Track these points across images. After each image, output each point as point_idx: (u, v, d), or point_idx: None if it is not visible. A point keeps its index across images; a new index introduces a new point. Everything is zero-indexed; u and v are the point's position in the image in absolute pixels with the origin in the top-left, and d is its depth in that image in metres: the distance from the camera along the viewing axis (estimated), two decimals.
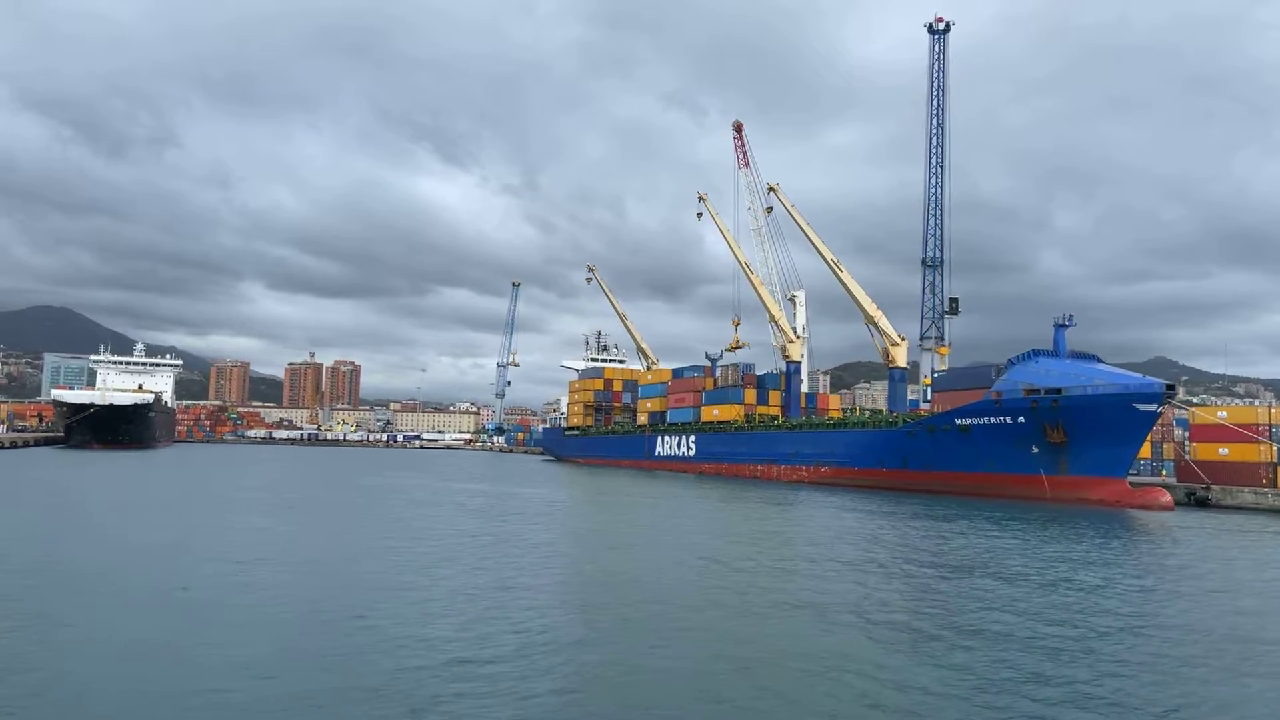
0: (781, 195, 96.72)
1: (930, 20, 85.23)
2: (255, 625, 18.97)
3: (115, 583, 23.72)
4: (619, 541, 38.28)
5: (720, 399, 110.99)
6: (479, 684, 14.87)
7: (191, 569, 25.97)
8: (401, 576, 25.50)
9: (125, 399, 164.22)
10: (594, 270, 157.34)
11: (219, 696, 13.88)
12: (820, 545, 36.13)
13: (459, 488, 72.76)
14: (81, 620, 19.02)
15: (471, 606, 21.41)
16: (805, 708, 14.07)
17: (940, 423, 76.58)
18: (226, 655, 16.32)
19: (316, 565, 27.70)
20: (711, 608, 21.92)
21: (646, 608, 21.68)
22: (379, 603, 21.44)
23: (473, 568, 27.82)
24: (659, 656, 16.90)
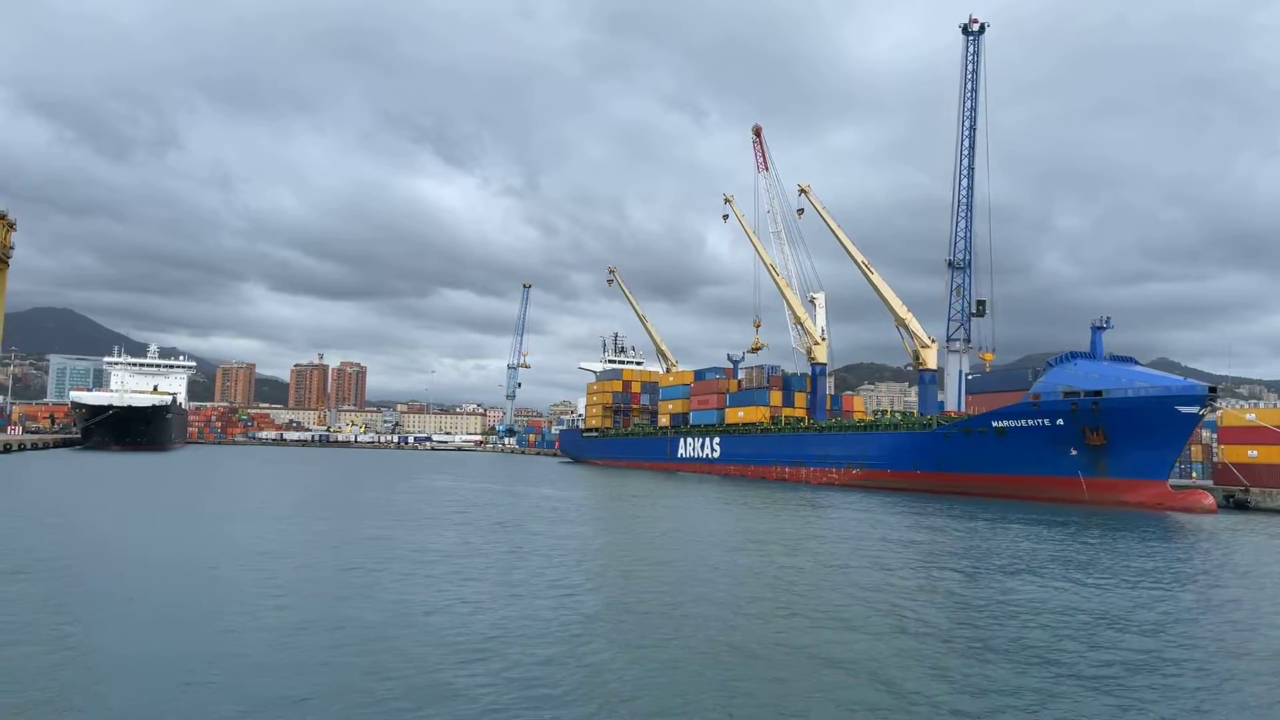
0: (813, 197, 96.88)
1: (965, 21, 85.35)
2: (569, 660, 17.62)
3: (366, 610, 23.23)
4: (690, 546, 38.35)
5: (745, 401, 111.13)
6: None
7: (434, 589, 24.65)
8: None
9: (144, 400, 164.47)
10: (615, 273, 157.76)
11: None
12: (885, 551, 36.27)
13: (511, 490, 72.95)
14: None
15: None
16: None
17: (976, 424, 76.73)
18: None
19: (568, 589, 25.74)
20: (789, 616, 21.89)
21: (745, 626, 20.96)
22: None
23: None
24: (771, 679, 16.39)
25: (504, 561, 30.17)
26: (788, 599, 24.01)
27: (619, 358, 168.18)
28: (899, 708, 14.38)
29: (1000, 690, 15.56)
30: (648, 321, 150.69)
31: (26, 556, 28.27)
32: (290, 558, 29.64)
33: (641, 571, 28.99)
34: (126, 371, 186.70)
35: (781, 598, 24.22)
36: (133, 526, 38.68)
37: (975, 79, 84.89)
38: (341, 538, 35.59)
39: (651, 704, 14.39)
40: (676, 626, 20.15)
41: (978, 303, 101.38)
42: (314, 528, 39.45)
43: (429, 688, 14.95)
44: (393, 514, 47.44)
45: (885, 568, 30.50)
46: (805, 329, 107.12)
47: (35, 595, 22.04)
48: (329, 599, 22.45)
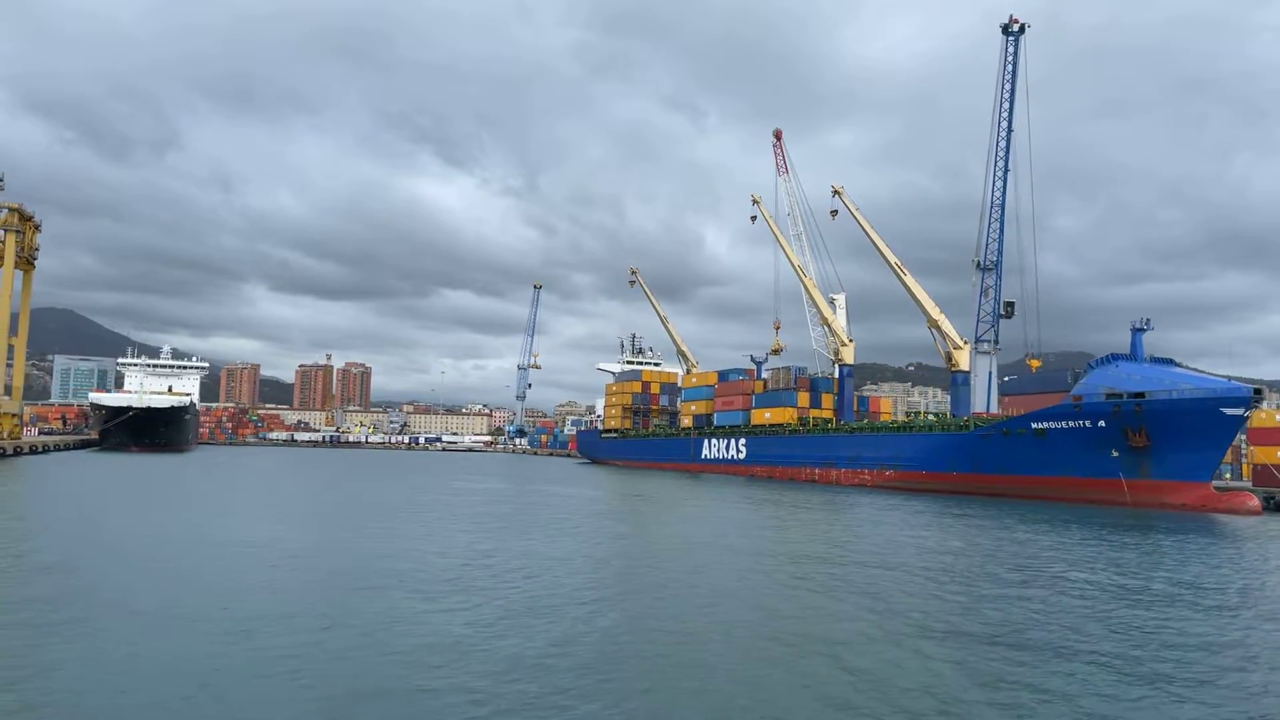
0: (846, 199, 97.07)
1: (1005, 21, 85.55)
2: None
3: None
4: (740, 547, 38.56)
5: (772, 402, 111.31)
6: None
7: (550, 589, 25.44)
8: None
9: (162, 401, 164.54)
10: (637, 273, 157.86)
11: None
12: (947, 557, 36.50)
13: (555, 491, 73.13)
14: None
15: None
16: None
17: (1015, 426, 76.93)
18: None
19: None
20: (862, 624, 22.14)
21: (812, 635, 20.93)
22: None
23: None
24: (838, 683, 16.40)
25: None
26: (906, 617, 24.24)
27: (637, 359, 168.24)
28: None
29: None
30: (668, 322, 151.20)
31: (165, 568, 28.48)
32: (488, 578, 27.14)
33: (766, 582, 29.21)
34: (141, 372, 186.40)
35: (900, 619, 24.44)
36: (231, 533, 38.85)
37: (1014, 81, 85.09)
38: (496, 552, 32.91)
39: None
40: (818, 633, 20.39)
41: (1006, 304, 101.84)
42: (448, 538, 37.61)
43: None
44: (497, 520, 46.63)
45: (981, 580, 30.71)
46: (833, 330, 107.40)
47: (181, 597, 22.26)
48: (574, 621, 21.03)
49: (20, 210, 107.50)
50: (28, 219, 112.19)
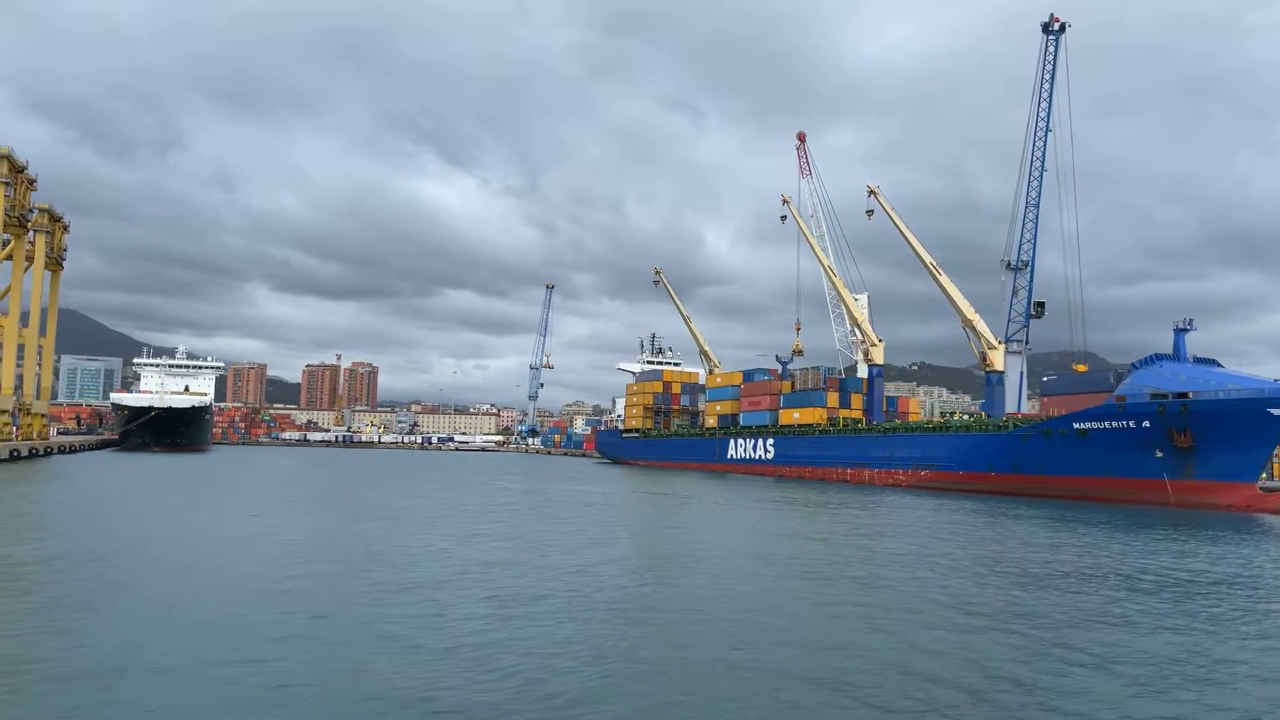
0: (881, 198, 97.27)
1: (1046, 19, 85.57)
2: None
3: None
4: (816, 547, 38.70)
5: (801, 402, 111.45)
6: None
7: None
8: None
9: (183, 401, 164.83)
10: (660, 273, 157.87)
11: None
12: (1021, 562, 36.65)
13: (600, 491, 73.31)
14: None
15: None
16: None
17: (1056, 426, 77.09)
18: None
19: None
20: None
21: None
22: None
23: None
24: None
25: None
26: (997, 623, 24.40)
27: (657, 358, 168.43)
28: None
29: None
30: (691, 322, 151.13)
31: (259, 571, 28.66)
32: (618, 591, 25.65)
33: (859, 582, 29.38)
34: (157, 372, 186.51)
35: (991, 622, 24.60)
36: (306, 536, 39.01)
37: (1053, 79, 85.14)
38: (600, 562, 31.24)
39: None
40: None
41: (1036, 304, 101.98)
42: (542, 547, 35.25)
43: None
44: (578, 525, 46.54)
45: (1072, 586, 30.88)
46: (862, 330, 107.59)
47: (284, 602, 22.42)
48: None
49: (50, 211, 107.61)
50: (57, 219, 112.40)
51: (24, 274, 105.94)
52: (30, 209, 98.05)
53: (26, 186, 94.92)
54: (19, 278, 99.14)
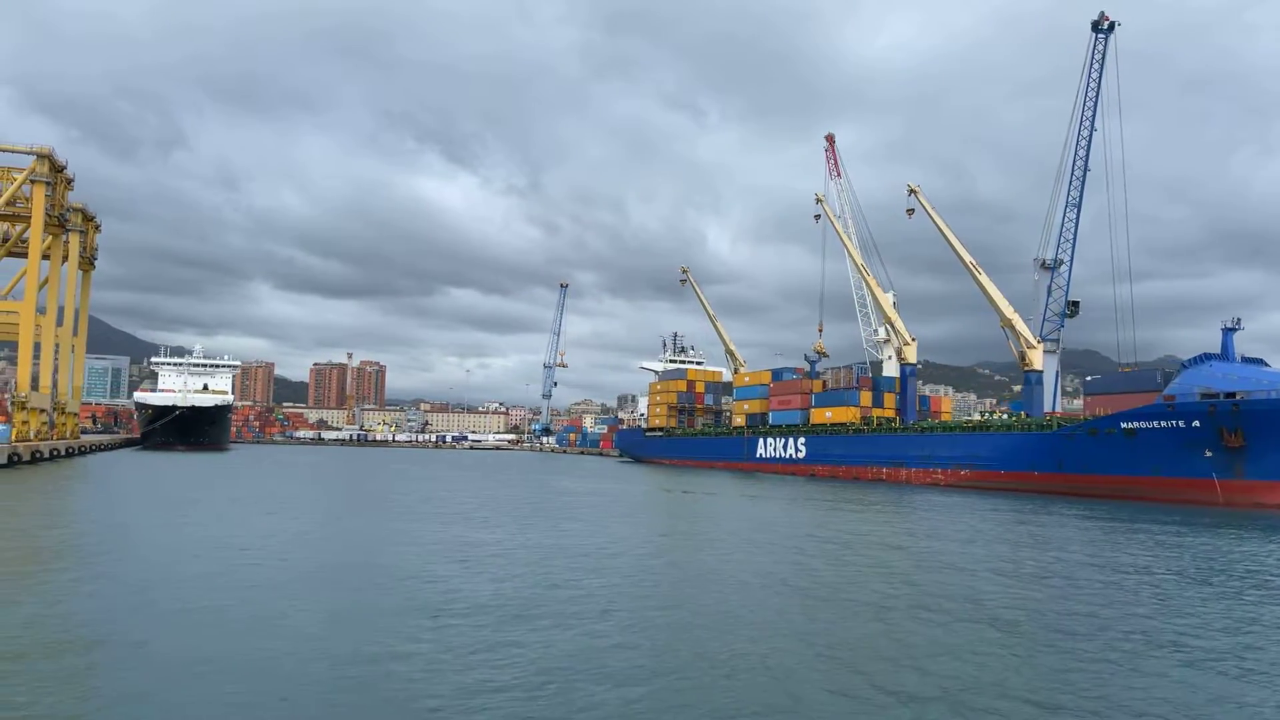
0: (922, 198, 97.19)
1: (1095, 17, 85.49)
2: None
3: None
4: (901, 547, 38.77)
5: (834, 401, 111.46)
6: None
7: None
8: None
9: (206, 400, 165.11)
10: (687, 272, 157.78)
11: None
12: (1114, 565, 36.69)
13: (655, 491, 73.52)
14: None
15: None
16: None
17: (1103, 425, 77.04)
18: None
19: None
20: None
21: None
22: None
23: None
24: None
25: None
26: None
27: (679, 357, 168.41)
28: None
29: None
30: (717, 321, 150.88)
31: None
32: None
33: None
34: (174, 371, 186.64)
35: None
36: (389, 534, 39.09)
37: (1101, 78, 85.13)
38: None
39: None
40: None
41: (1071, 303, 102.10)
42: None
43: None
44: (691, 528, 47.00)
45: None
46: (896, 329, 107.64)
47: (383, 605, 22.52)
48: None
49: (84, 210, 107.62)
50: (90, 219, 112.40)
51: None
52: (68, 209, 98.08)
53: (65, 186, 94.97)
54: (56, 276, 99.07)
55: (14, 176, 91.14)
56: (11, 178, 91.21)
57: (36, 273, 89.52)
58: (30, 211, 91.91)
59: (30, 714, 13.41)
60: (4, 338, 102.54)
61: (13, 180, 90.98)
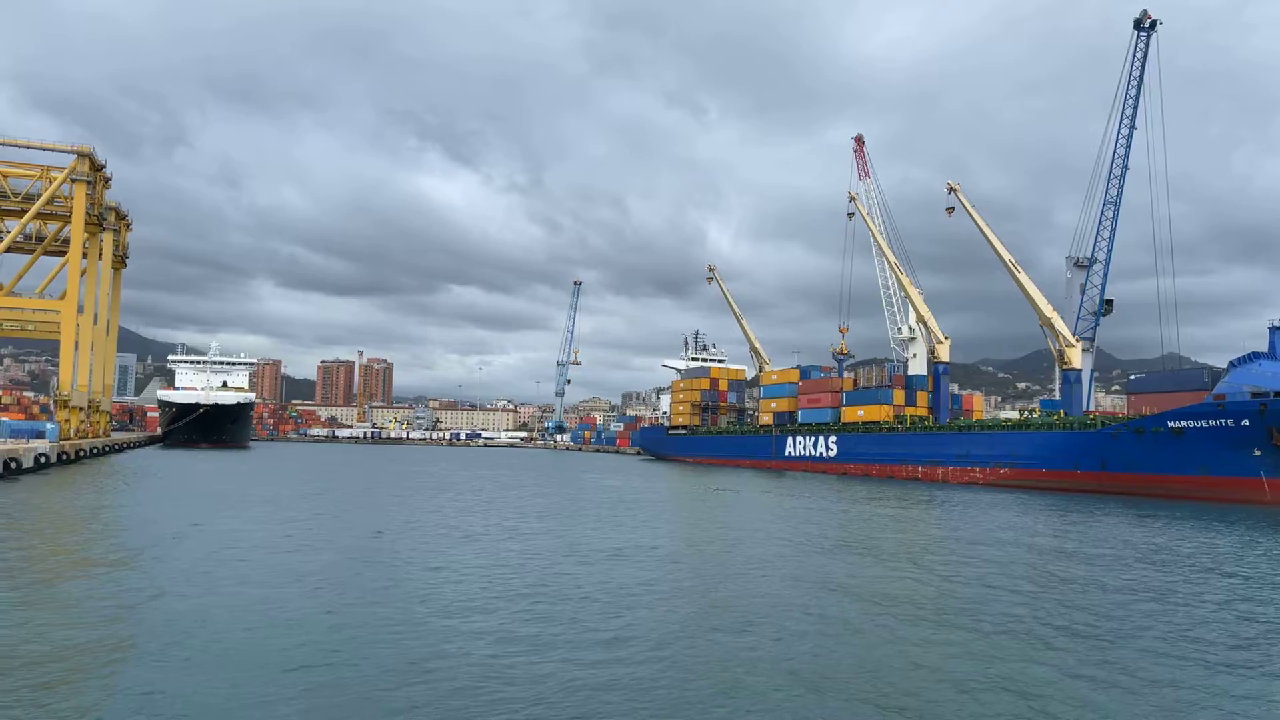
0: (961, 195, 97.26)
1: (1138, 15, 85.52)
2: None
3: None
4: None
5: (866, 399, 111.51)
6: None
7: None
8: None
9: (229, 398, 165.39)
10: (714, 270, 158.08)
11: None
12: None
13: (738, 488, 73.63)
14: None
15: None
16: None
17: (1149, 424, 77.06)
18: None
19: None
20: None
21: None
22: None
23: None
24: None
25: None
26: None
27: (701, 355, 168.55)
28: None
29: None
30: (743, 320, 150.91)
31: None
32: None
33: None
34: (192, 369, 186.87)
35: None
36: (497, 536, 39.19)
37: (1142, 76, 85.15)
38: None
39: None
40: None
41: (1106, 302, 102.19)
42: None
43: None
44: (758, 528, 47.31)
45: None
46: (929, 328, 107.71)
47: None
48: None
49: (116, 209, 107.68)
50: (122, 218, 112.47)
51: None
52: (105, 207, 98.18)
53: (103, 185, 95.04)
54: (92, 275, 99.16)
55: (53, 176, 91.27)
56: (50, 177, 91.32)
57: (77, 272, 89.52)
58: (67, 210, 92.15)
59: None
60: (42, 336, 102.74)
61: (52, 179, 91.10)
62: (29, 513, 41.77)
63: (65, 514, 42.20)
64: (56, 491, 53.12)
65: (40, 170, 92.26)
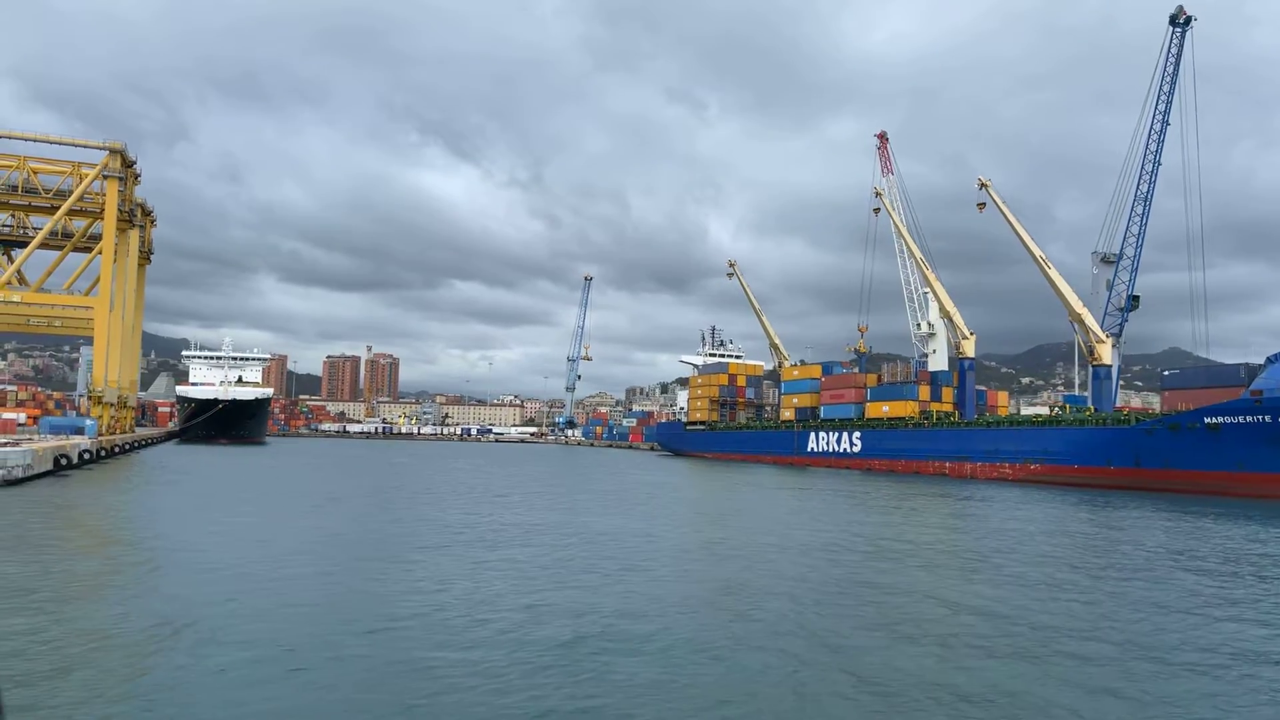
0: (993, 191, 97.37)
1: (1174, 11, 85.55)
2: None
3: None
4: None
5: (891, 395, 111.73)
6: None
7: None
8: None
9: (248, 394, 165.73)
10: (734, 265, 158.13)
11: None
12: None
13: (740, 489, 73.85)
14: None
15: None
16: None
17: (1185, 420, 77.30)
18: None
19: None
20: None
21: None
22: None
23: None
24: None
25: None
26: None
27: (718, 350, 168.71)
28: None
29: None
30: (763, 316, 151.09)
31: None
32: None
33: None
34: (206, 365, 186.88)
35: None
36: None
37: (1177, 73, 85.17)
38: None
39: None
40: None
41: (1133, 297, 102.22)
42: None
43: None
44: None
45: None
46: (955, 324, 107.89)
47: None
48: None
49: (143, 205, 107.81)
50: (148, 214, 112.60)
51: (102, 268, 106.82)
52: (135, 204, 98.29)
53: (133, 181, 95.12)
54: (121, 271, 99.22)
55: (84, 172, 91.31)
56: (82, 174, 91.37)
57: (110, 269, 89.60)
58: (96, 206, 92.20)
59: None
60: (70, 332, 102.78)
61: (83, 176, 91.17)
62: (108, 513, 41.93)
63: (146, 513, 42.35)
64: (113, 490, 53.29)
65: (71, 166, 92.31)
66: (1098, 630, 20.42)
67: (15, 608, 19.67)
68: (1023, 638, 19.46)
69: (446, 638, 18.28)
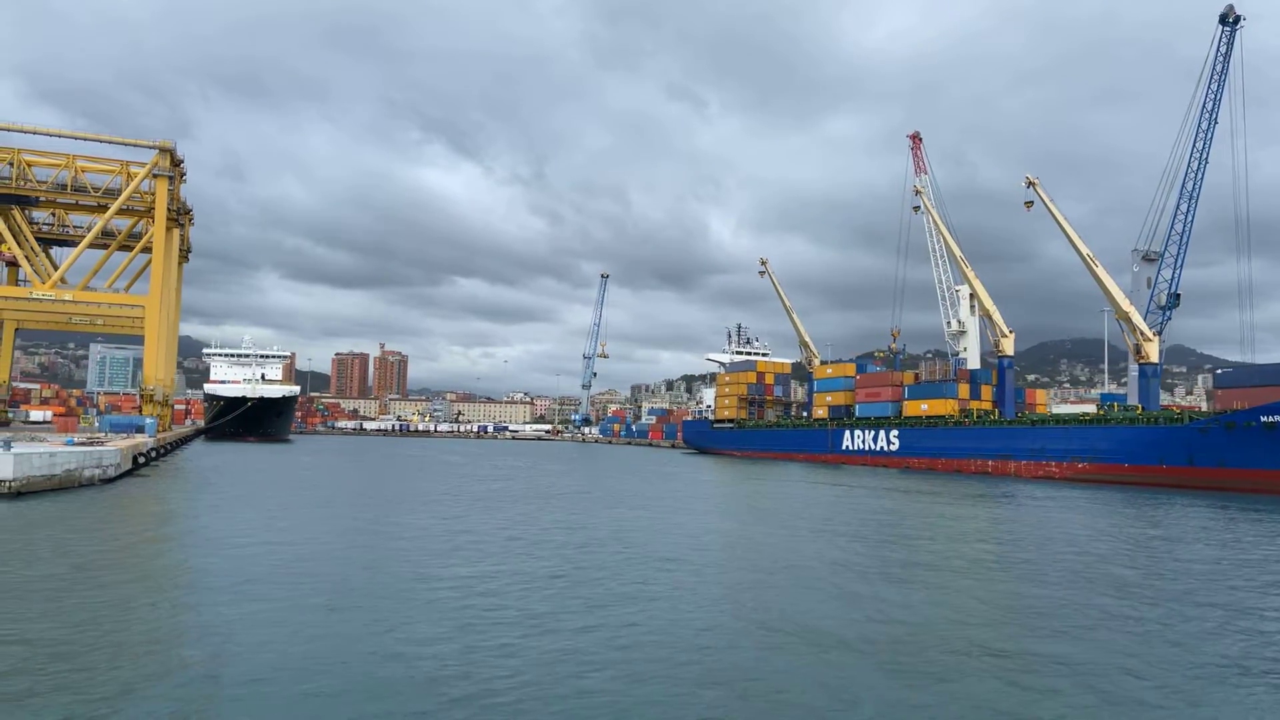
0: (1040, 190, 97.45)
1: (1224, 9, 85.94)
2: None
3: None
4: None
5: (930, 393, 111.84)
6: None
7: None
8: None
9: (275, 392, 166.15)
10: (766, 264, 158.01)
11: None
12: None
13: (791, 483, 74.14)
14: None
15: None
16: None
17: (1242, 419, 77.44)
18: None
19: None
20: None
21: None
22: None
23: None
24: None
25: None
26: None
27: (745, 348, 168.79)
28: None
29: None
30: (794, 313, 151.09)
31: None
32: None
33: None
34: (227, 362, 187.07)
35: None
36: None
37: (1225, 72, 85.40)
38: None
39: None
40: None
41: (1173, 295, 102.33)
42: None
43: None
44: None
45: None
46: (994, 322, 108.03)
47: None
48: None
49: (183, 203, 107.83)
50: (187, 212, 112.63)
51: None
52: (181, 203, 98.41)
53: (180, 180, 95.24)
54: (171, 270, 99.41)
55: (133, 172, 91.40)
56: (131, 173, 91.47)
57: (160, 267, 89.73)
58: (142, 205, 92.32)
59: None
60: (113, 331, 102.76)
61: (132, 175, 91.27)
62: (238, 525, 42.04)
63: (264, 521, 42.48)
64: (195, 490, 53.42)
65: (120, 165, 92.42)
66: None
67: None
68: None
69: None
